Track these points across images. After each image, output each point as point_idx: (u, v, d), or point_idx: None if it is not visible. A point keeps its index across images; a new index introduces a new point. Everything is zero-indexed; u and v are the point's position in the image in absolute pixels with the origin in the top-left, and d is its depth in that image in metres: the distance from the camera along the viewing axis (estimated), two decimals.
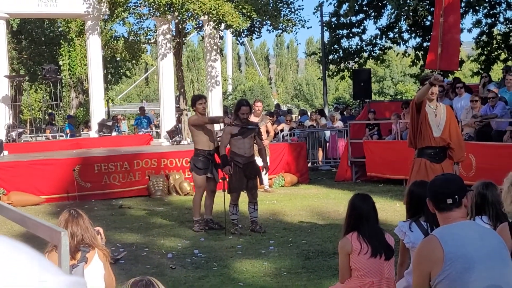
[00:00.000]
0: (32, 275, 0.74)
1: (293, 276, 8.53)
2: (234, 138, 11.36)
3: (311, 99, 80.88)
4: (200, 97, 12.14)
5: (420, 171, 9.37)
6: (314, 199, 15.23)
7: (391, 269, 5.67)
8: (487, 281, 4.10)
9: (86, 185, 15.99)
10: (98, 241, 5.13)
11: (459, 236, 4.22)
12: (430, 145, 9.40)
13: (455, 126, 9.70)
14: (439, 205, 4.33)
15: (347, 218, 5.71)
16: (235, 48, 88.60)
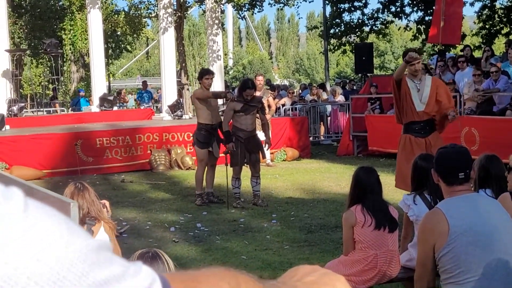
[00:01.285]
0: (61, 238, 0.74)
1: (295, 250, 8.56)
2: (237, 114, 11.37)
3: (312, 73, 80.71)
4: (208, 72, 12.13)
5: (406, 147, 9.42)
6: (315, 174, 15.25)
7: (395, 241, 5.69)
8: (492, 254, 4.11)
9: (88, 160, 16.00)
10: (104, 214, 5.14)
11: (464, 209, 4.23)
12: (414, 120, 9.40)
13: (443, 90, 9.61)
14: (448, 179, 4.31)
15: (351, 190, 5.72)
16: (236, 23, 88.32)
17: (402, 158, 9.45)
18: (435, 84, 9.55)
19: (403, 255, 5.87)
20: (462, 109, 15.48)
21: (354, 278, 5.56)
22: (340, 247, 7.05)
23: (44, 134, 16.23)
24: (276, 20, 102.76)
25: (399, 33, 55.71)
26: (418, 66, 9.34)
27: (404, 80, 9.35)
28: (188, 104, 22.26)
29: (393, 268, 5.62)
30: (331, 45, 30.40)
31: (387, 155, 17.26)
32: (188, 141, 16.59)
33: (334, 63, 74.16)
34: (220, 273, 1.03)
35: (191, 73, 73.98)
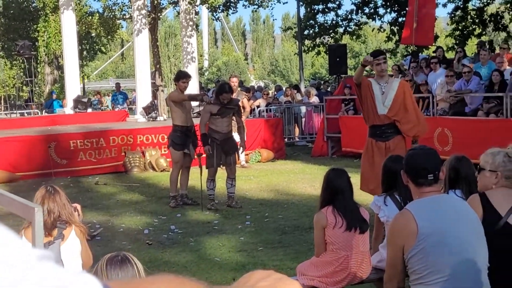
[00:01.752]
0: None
1: (269, 251, 8.59)
2: (213, 116, 11.39)
3: (287, 74, 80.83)
4: (185, 75, 12.06)
5: (368, 151, 9.32)
6: (290, 175, 15.29)
7: (366, 242, 5.73)
8: (460, 256, 4.15)
9: (61, 162, 15.92)
10: (75, 218, 5.12)
11: (434, 210, 4.26)
12: (376, 123, 9.27)
13: (410, 101, 9.46)
14: (417, 180, 4.34)
15: (322, 192, 5.75)
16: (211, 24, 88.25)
17: (365, 161, 9.41)
18: (402, 88, 9.37)
19: (374, 256, 5.91)
20: (435, 110, 15.60)
21: (326, 280, 5.60)
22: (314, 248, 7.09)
23: (17, 137, 16.12)
24: (251, 21, 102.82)
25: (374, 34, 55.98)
26: (384, 66, 9.20)
27: (366, 82, 9.24)
28: (162, 105, 22.22)
29: (364, 269, 5.67)
30: (305, 46, 30.47)
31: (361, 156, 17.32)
32: (163, 143, 16.56)
33: (309, 64, 74.32)
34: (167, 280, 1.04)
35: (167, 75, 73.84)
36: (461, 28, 28.51)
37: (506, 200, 4.76)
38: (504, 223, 4.69)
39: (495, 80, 14.67)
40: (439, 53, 18.64)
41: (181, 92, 11.83)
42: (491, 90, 14.81)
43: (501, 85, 14.57)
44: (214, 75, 70.76)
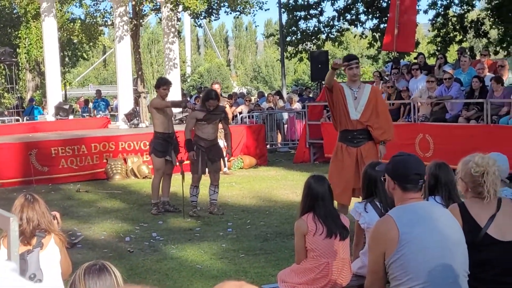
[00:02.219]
0: None
1: (251, 258, 8.58)
2: (199, 123, 11.39)
3: (270, 81, 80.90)
4: (166, 82, 12.01)
5: (337, 156, 9.32)
6: (272, 181, 15.30)
7: (346, 249, 5.73)
8: (440, 261, 4.16)
9: (43, 169, 15.83)
10: (54, 226, 5.09)
11: (415, 216, 4.27)
12: (347, 128, 9.27)
13: (382, 106, 9.53)
14: (407, 185, 4.33)
15: (303, 199, 5.75)
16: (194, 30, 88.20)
17: (332, 166, 9.40)
18: (374, 95, 9.40)
19: (355, 263, 5.92)
20: (416, 116, 15.66)
21: (306, 287, 5.60)
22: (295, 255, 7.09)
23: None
24: (234, 27, 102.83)
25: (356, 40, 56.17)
26: (356, 71, 9.17)
27: (338, 87, 9.20)
28: (144, 112, 22.16)
29: (345, 276, 5.67)
30: (288, 52, 30.52)
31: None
32: (145, 149, 16.51)
33: (292, 70, 74.43)
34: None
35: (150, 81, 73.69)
36: (442, 34, 28.66)
37: (484, 210, 4.77)
38: (484, 234, 4.70)
39: (475, 87, 14.76)
40: (420, 59, 18.72)
41: (162, 99, 11.82)
42: (472, 96, 14.89)
43: (482, 91, 14.66)
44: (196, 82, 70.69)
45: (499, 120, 14.05)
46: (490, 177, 4.67)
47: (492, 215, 4.74)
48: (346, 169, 9.19)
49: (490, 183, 4.66)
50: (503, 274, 4.64)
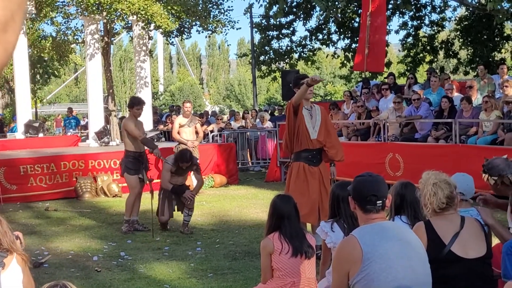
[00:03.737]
0: None
1: (219, 277, 8.54)
2: (172, 174, 11.61)
3: (242, 99, 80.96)
4: (139, 102, 11.97)
5: (300, 175, 9.23)
6: (242, 200, 15.29)
7: (312, 268, 5.73)
8: (404, 281, 4.18)
9: (11, 187, 15.68)
10: (17, 246, 5.03)
11: (378, 236, 4.29)
12: (308, 148, 9.23)
13: (331, 126, 9.63)
14: (366, 206, 4.37)
15: (269, 218, 5.76)
16: (166, 49, 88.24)
17: (294, 187, 9.23)
18: (324, 114, 9.49)
19: (321, 282, 5.91)
20: (386, 136, 15.75)
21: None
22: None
23: None
24: (207, 46, 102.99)
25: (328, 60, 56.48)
26: (311, 88, 9.02)
27: (302, 106, 9.13)
28: (115, 130, 22.05)
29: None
30: (261, 71, 30.63)
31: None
32: (115, 168, 16.44)
33: (264, 89, 74.63)
34: None
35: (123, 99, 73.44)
36: (412, 54, 28.94)
37: (449, 228, 4.83)
38: (448, 251, 4.74)
39: (444, 107, 14.90)
40: (390, 79, 18.87)
41: (135, 118, 11.80)
42: (441, 116, 15.02)
43: (451, 111, 14.79)
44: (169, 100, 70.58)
45: (467, 140, 14.19)
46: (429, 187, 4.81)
47: (456, 232, 4.79)
48: (312, 189, 9.18)
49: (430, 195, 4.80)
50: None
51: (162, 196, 11.73)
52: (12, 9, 0.89)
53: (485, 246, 4.84)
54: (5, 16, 0.88)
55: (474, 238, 4.83)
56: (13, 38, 0.91)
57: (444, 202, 4.87)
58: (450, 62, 34.66)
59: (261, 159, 22.41)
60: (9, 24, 0.88)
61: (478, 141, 13.90)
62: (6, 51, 0.89)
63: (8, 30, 0.88)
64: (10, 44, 0.90)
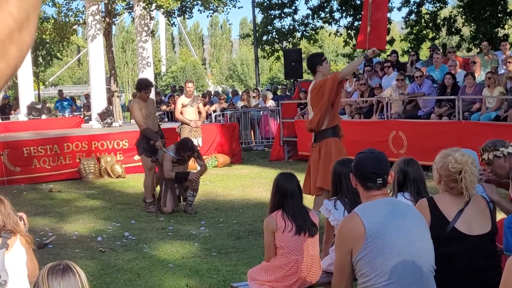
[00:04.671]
0: None
1: (223, 256, 8.56)
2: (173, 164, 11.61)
3: (245, 79, 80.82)
4: (147, 86, 11.95)
5: (341, 151, 9.29)
6: (246, 179, 15.29)
7: (316, 246, 5.74)
8: (406, 257, 4.19)
9: (15, 169, 15.70)
10: (20, 227, 5.03)
11: (381, 213, 4.29)
12: (338, 123, 9.36)
13: None
14: (366, 184, 4.38)
15: (272, 197, 5.75)
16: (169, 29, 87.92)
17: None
18: None
19: (324, 260, 5.92)
20: (389, 114, 15.72)
21: (276, 284, 5.59)
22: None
23: None
24: (209, 26, 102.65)
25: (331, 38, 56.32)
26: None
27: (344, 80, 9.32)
28: (118, 111, 22.04)
29: (314, 273, 5.67)
30: (265, 51, 30.54)
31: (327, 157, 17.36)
32: (118, 149, 16.48)
33: (267, 68, 74.47)
34: None
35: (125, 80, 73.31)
36: (415, 32, 28.81)
37: (453, 205, 4.80)
38: (452, 228, 4.73)
39: (447, 83, 14.85)
40: (393, 57, 18.79)
41: (142, 101, 11.81)
42: (444, 93, 14.97)
43: (454, 88, 14.75)
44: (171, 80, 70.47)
45: (470, 117, 14.15)
46: (469, 176, 4.69)
47: (460, 209, 4.77)
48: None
49: (468, 182, 4.69)
50: (470, 268, 4.68)
51: (164, 187, 11.67)
52: (27, 9, 0.90)
53: (490, 223, 4.83)
54: (21, 16, 0.89)
55: (479, 214, 4.81)
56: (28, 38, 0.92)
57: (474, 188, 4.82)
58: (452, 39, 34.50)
59: (264, 138, 22.39)
60: (24, 25, 0.89)
61: (481, 117, 13.86)
62: (21, 51, 0.90)
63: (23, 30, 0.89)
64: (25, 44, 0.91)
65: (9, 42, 0.87)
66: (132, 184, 15.01)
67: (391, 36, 29.87)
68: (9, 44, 0.87)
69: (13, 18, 0.87)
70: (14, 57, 0.90)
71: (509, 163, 6.01)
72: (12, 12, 0.87)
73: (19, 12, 0.89)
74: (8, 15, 0.87)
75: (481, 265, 4.70)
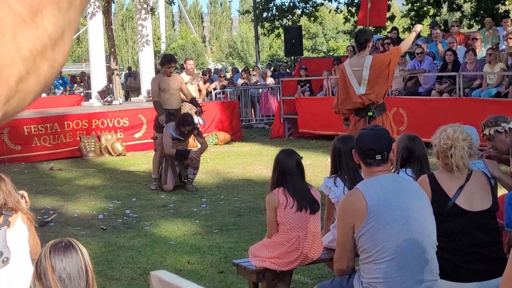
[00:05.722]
0: None
1: (224, 233, 8.59)
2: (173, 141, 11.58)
3: (245, 57, 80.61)
4: (169, 61, 12.16)
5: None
6: (247, 157, 15.30)
7: (317, 223, 5.74)
8: (408, 233, 4.20)
9: (15, 148, 15.70)
10: (22, 205, 5.04)
11: (383, 189, 4.30)
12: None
13: None
14: (366, 160, 4.39)
15: (272, 174, 5.75)
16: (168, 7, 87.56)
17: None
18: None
19: (326, 236, 5.93)
20: (390, 90, 15.67)
21: (277, 261, 5.60)
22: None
23: None
24: (209, 3, 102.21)
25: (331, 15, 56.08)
26: None
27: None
28: (118, 89, 22.02)
29: (316, 250, 5.69)
30: (265, 29, 30.44)
31: (318, 136, 17.42)
32: (118, 127, 16.48)
33: (267, 46, 74.24)
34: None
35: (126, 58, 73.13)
36: (416, 8, 28.67)
37: (454, 181, 4.81)
38: (452, 204, 4.74)
39: (448, 60, 14.80)
40: (393, 34, 18.72)
41: (165, 76, 11.93)
42: (445, 69, 14.93)
43: (454, 65, 14.70)
44: None
45: (471, 93, 14.12)
46: (458, 151, 4.70)
47: (461, 185, 4.78)
48: None
49: (457, 158, 4.70)
50: (471, 244, 4.70)
51: (164, 164, 11.68)
52: (63, 27, 0.89)
53: (490, 199, 4.83)
54: (56, 33, 0.88)
55: (480, 191, 4.82)
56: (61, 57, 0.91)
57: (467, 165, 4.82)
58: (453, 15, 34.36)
59: (264, 116, 22.37)
60: (58, 42, 0.88)
61: (482, 94, 13.83)
62: (52, 68, 0.89)
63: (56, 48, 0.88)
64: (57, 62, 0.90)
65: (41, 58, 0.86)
66: (132, 162, 15.02)
67: (391, 13, 29.73)
68: (41, 60, 0.86)
69: (47, 34, 0.86)
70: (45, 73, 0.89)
71: (510, 139, 6.01)
72: (47, 28, 0.86)
73: (54, 28, 0.87)
74: (43, 30, 0.86)
75: (482, 241, 4.72)
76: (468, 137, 4.81)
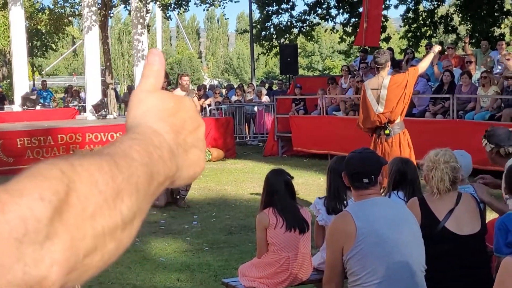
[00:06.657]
0: None
1: (214, 251, 8.56)
2: None
3: (241, 73, 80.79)
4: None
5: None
6: (239, 174, 15.28)
7: (307, 244, 5.73)
8: (397, 256, 4.19)
9: (8, 160, 15.65)
10: None
11: (372, 212, 4.30)
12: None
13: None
14: (354, 184, 4.40)
15: (262, 193, 5.75)
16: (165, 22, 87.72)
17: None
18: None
19: (315, 257, 5.92)
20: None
21: (267, 281, 5.59)
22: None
23: None
24: (206, 19, 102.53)
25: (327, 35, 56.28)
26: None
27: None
28: (113, 103, 22.01)
29: (305, 270, 5.67)
30: (263, 47, 30.56)
31: (311, 155, 17.42)
32: (112, 141, 16.43)
33: (263, 63, 74.43)
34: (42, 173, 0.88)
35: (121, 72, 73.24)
36: (413, 29, 28.84)
37: (443, 204, 4.82)
38: (442, 227, 4.75)
39: (445, 80, 14.86)
40: None
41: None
42: (440, 91, 14.97)
43: (450, 86, 14.75)
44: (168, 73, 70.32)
45: (465, 116, 14.16)
46: (439, 173, 4.74)
47: (450, 209, 4.79)
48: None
49: (436, 180, 4.74)
50: (460, 267, 4.70)
51: None
52: (136, 212, 0.89)
53: (479, 223, 4.85)
54: (128, 217, 0.88)
55: (469, 214, 4.83)
56: (127, 240, 0.91)
57: (449, 188, 4.85)
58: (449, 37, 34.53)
59: (258, 133, 22.38)
60: (128, 226, 0.88)
61: (475, 116, 13.87)
62: (117, 249, 0.89)
63: (126, 231, 0.88)
64: (123, 244, 0.90)
65: (111, 238, 0.87)
66: None
67: (387, 34, 29.89)
68: (110, 240, 0.87)
69: (121, 217, 0.87)
70: (109, 252, 0.89)
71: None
72: (122, 211, 0.87)
73: (128, 213, 0.88)
74: (119, 213, 0.86)
75: (470, 265, 4.72)
76: (451, 159, 4.84)
